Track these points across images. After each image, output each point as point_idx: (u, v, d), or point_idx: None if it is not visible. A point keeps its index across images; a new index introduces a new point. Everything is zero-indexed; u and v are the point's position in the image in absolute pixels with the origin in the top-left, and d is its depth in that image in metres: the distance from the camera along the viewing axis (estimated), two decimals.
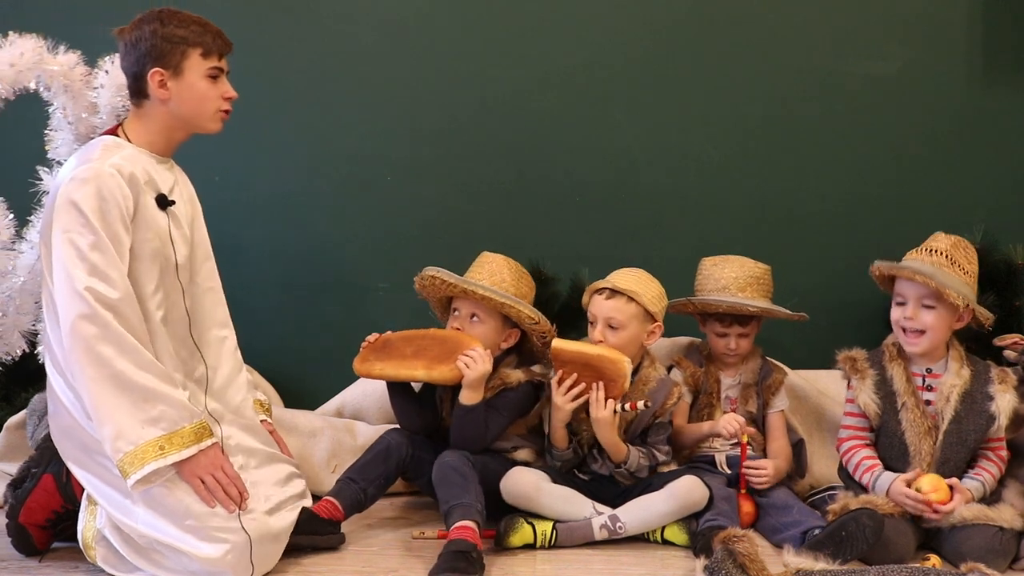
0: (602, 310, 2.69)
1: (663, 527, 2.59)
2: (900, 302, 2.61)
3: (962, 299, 2.52)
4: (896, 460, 2.60)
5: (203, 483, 2.27)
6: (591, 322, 2.73)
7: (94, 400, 2.22)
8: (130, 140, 2.41)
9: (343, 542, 2.57)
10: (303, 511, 2.50)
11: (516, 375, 2.76)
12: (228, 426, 2.47)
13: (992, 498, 2.55)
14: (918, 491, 2.48)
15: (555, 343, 2.64)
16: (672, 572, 2.43)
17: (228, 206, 3.29)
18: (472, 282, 2.75)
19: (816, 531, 2.48)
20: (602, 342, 2.67)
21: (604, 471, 2.70)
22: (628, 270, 2.77)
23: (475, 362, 2.63)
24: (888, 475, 2.55)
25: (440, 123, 3.30)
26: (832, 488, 2.71)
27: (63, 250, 2.25)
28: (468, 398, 2.66)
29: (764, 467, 2.70)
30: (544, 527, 2.56)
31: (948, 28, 3.21)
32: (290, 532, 2.43)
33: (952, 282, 2.53)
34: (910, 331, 2.59)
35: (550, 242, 3.15)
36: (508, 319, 2.78)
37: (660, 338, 2.77)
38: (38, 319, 2.70)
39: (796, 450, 2.87)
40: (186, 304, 2.47)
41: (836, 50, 3.22)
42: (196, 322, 2.51)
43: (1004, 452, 2.62)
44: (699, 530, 2.52)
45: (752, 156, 3.26)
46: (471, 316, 2.77)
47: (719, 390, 2.86)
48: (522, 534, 2.54)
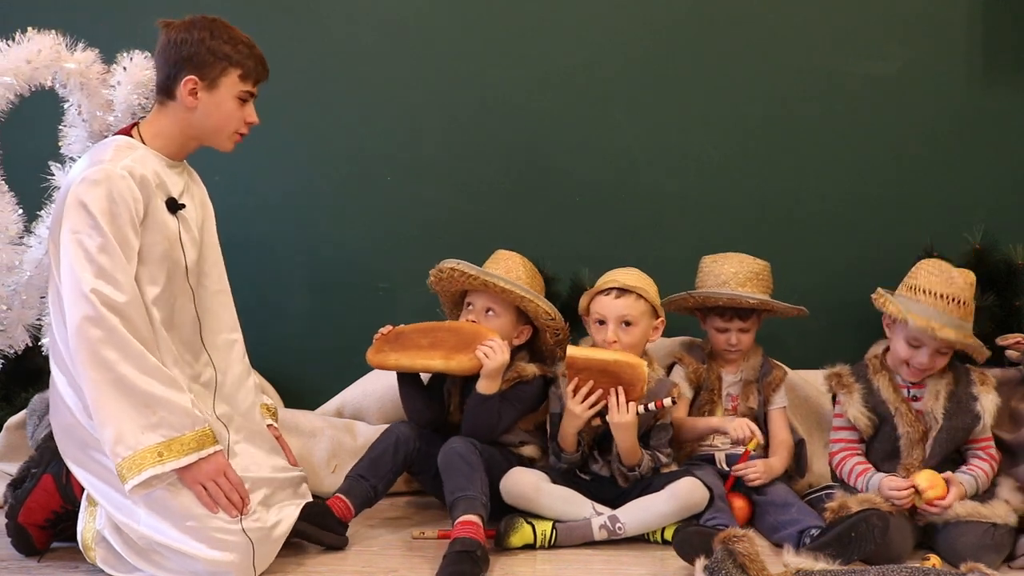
0: (614, 309, 2.69)
1: (663, 527, 2.59)
2: (915, 345, 2.59)
3: (974, 341, 2.56)
4: (888, 463, 2.62)
5: (205, 489, 2.27)
6: (599, 322, 2.72)
7: (96, 403, 2.22)
8: (144, 141, 2.40)
9: (347, 544, 2.57)
10: (318, 504, 2.51)
11: (531, 369, 2.77)
12: (236, 432, 2.48)
13: (986, 496, 2.57)
14: (915, 487, 2.49)
15: (570, 351, 2.62)
16: (672, 572, 2.43)
17: (228, 206, 3.27)
18: (492, 274, 2.75)
19: (814, 531, 2.48)
20: (616, 342, 2.67)
21: (604, 471, 2.70)
22: (624, 269, 2.77)
23: (495, 352, 2.64)
24: (880, 475, 2.57)
25: (440, 123, 3.30)
26: (830, 487, 2.71)
27: (71, 251, 2.24)
28: (485, 388, 2.67)
29: (753, 465, 2.70)
30: (544, 527, 2.56)
31: (948, 28, 3.21)
32: (289, 531, 2.43)
33: (958, 326, 2.54)
34: (913, 365, 2.60)
35: (550, 242, 3.15)
36: (522, 315, 2.79)
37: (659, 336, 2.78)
38: (43, 313, 2.70)
39: (796, 450, 2.88)
40: (195, 307, 2.48)
41: (836, 50, 3.22)
42: (205, 325, 2.51)
43: (994, 450, 2.65)
44: (695, 527, 2.48)
45: (752, 156, 3.26)
46: (486, 310, 2.78)
47: (721, 387, 2.86)
48: (522, 534, 2.54)
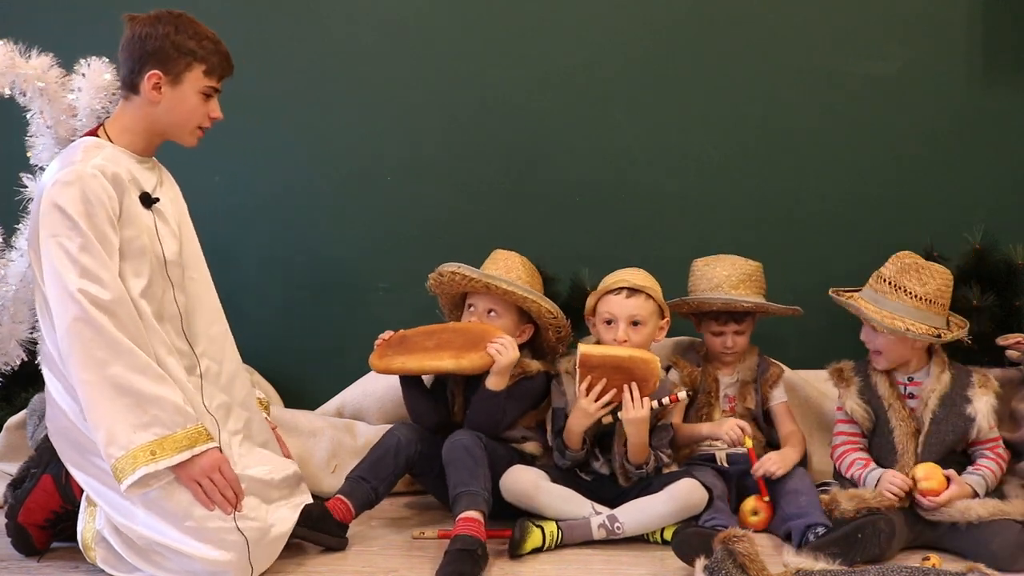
0: (624, 309, 2.69)
1: (663, 528, 2.58)
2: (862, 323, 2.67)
3: (903, 324, 2.54)
4: (886, 459, 2.63)
5: (200, 487, 2.27)
6: (608, 322, 2.71)
7: (88, 404, 2.22)
8: (111, 139, 2.40)
9: (347, 545, 2.57)
10: (318, 506, 2.51)
11: (535, 365, 2.78)
12: (236, 422, 2.48)
13: (995, 495, 2.56)
14: (912, 479, 2.50)
15: (582, 348, 2.61)
16: (672, 572, 2.42)
17: (228, 206, 3.30)
18: (494, 276, 2.75)
19: (819, 528, 2.48)
20: (626, 341, 2.67)
21: (605, 470, 2.70)
22: (630, 270, 2.78)
23: (507, 349, 2.66)
24: (879, 470, 2.58)
25: (440, 123, 3.30)
26: (826, 484, 2.70)
27: (53, 254, 2.24)
28: (495, 384, 2.68)
29: (769, 458, 2.68)
30: (551, 528, 2.55)
31: (948, 28, 3.20)
32: (290, 532, 2.43)
33: (894, 309, 2.56)
34: (871, 351, 2.66)
35: (550, 242, 3.15)
36: (524, 314, 2.80)
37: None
38: (34, 327, 2.70)
39: None
40: (178, 300, 2.46)
41: (836, 50, 3.22)
42: (192, 318, 2.49)
43: (1002, 450, 2.64)
44: (694, 528, 2.48)
45: (752, 156, 3.26)
46: (488, 312, 2.78)
47: (718, 389, 2.86)
48: (533, 539, 2.52)
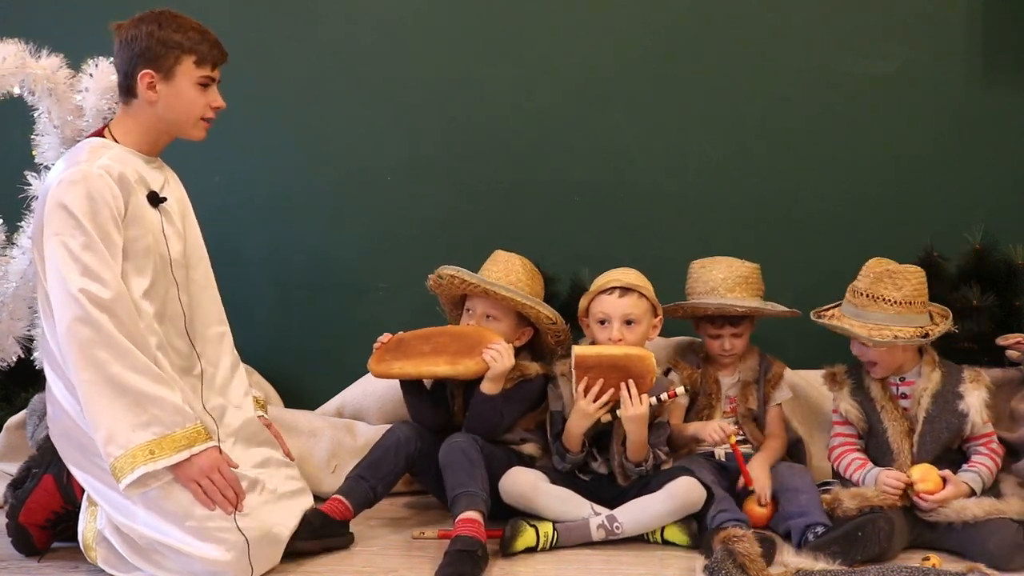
0: (618, 308, 2.69)
1: (663, 527, 2.58)
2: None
3: (890, 332, 2.55)
4: (883, 459, 2.63)
5: (200, 486, 2.27)
6: (601, 322, 2.71)
7: (88, 404, 2.23)
8: (117, 140, 2.40)
9: (353, 542, 2.57)
10: (315, 514, 2.51)
11: (534, 367, 2.78)
12: (229, 424, 2.48)
13: (992, 492, 2.56)
14: (909, 479, 2.50)
15: (577, 350, 2.61)
16: (672, 572, 2.42)
17: (228, 206, 3.30)
18: (492, 283, 2.74)
19: (819, 528, 2.48)
20: (621, 340, 2.67)
21: (603, 469, 2.70)
22: (621, 269, 2.78)
23: (502, 356, 2.65)
24: (876, 469, 2.58)
25: (439, 123, 3.30)
26: (827, 483, 2.70)
27: (56, 253, 2.24)
28: (489, 389, 2.68)
29: (759, 481, 2.66)
30: (546, 528, 2.55)
31: (948, 28, 3.20)
32: (291, 533, 2.43)
33: (878, 320, 2.56)
34: (865, 363, 2.66)
35: (550, 242, 3.15)
36: (522, 317, 2.79)
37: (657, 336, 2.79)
38: (33, 325, 2.70)
39: (795, 449, 2.88)
40: (182, 301, 2.46)
41: (836, 50, 3.22)
42: (192, 319, 2.50)
43: (996, 445, 2.64)
44: (712, 526, 2.48)
45: (751, 156, 3.26)
46: (486, 316, 2.78)
47: (719, 390, 2.85)
48: (525, 538, 2.53)
